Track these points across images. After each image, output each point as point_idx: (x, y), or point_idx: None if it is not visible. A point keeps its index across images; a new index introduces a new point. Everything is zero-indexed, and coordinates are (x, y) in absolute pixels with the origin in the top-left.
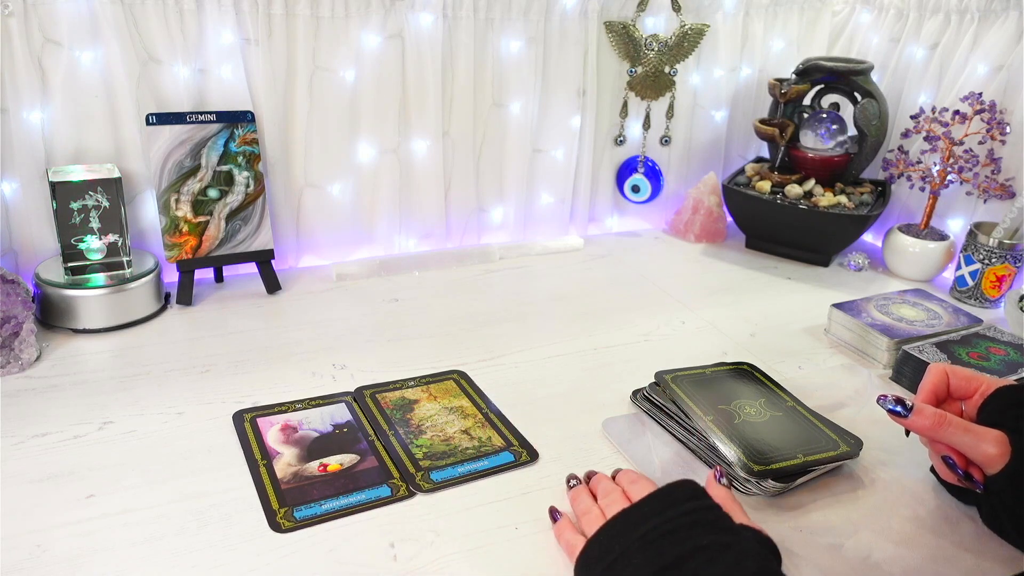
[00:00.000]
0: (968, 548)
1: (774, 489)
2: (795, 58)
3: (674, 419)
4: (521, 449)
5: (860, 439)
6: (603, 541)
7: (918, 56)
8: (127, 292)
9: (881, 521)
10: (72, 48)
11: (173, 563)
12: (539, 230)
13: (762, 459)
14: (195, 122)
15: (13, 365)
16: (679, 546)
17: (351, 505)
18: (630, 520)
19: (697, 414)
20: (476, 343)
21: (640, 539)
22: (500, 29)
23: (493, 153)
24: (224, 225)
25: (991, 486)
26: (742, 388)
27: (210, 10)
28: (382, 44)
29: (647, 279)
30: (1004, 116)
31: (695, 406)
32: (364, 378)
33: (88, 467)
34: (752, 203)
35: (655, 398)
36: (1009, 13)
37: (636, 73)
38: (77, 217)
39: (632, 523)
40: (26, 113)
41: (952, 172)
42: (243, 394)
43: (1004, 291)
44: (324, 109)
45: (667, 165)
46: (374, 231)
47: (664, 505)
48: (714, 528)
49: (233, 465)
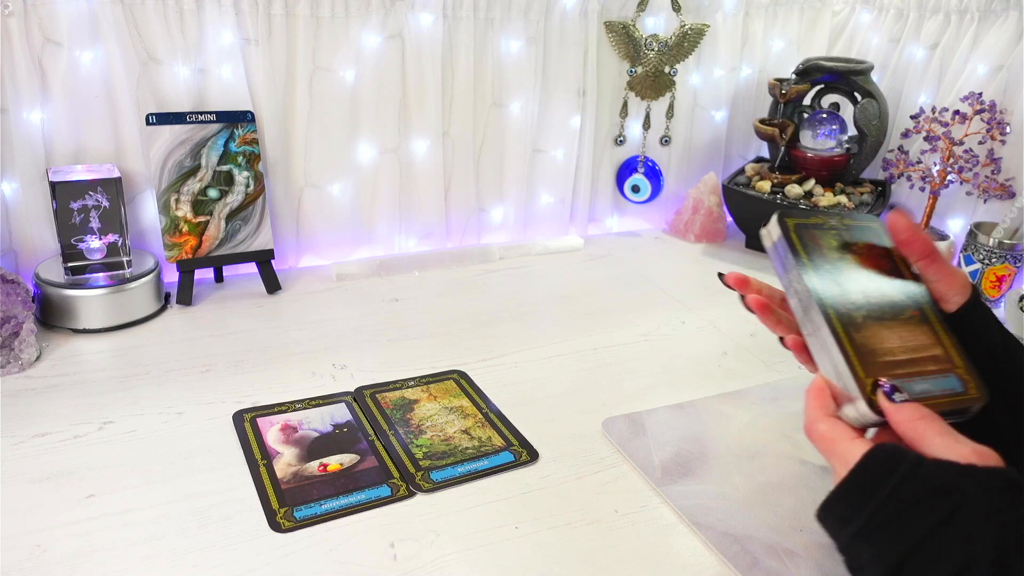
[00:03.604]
0: None
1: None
2: (795, 58)
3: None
4: (521, 449)
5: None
6: (831, 520)
7: (918, 56)
8: (127, 292)
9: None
10: (72, 48)
11: (173, 563)
12: (539, 230)
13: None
14: (195, 122)
15: (13, 365)
16: (899, 545)
17: (351, 505)
18: (836, 514)
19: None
20: (476, 343)
21: (854, 537)
22: (500, 29)
23: (493, 153)
24: (224, 225)
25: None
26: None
27: (210, 10)
28: (382, 44)
29: (647, 279)
30: (1004, 116)
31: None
32: (364, 378)
33: (88, 467)
34: (752, 203)
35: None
36: (1009, 13)
37: (636, 73)
38: (77, 217)
39: (843, 518)
40: (26, 113)
41: (952, 172)
42: (243, 394)
43: (1004, 291)
44: (324, 109)
45: (667, 165)
46: (374, 231)
47: (863, 495)
48: (928, 501)
49: (233, 465)
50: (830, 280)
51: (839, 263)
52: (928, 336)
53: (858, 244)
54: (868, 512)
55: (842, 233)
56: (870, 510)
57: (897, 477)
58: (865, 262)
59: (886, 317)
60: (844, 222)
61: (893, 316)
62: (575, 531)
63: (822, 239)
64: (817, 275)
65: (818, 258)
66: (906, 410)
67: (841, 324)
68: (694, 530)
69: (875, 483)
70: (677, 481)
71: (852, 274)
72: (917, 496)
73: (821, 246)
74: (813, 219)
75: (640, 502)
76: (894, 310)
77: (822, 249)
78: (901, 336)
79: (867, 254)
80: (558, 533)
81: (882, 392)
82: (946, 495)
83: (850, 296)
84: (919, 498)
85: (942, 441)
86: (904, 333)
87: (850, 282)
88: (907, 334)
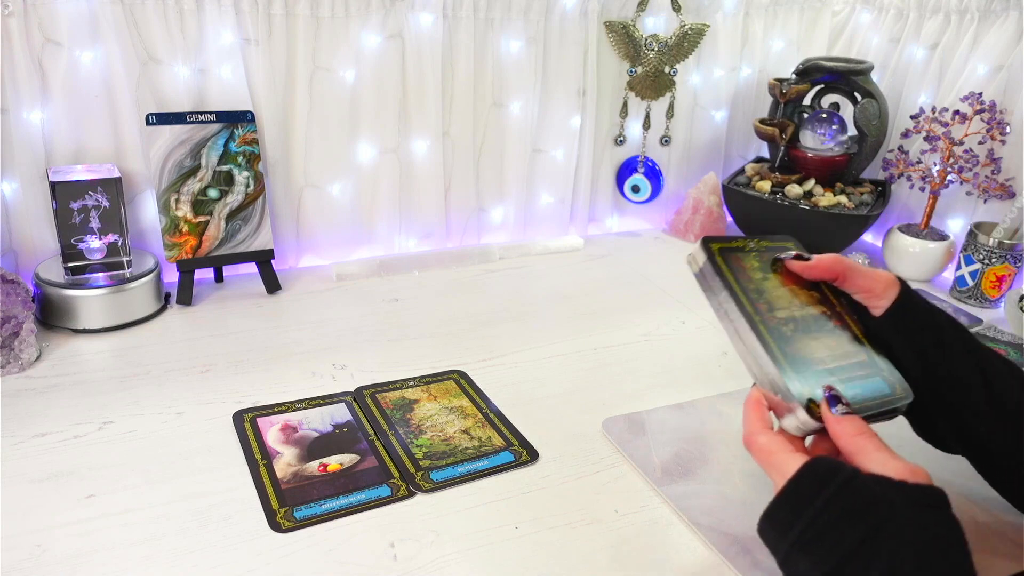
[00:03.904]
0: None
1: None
2: (795, 58)
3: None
4: (521, 449)
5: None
6: (770, 532)
7: (918, 56)
8: (127, 292)
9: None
10: (72, 48)
11: (173, 563)
12: (539, 230)
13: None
14: (195, 122)
15: (13, 365)
16: (834, 553)
17: (351, 505)
18: (776, 524)
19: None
20: (476, 343)
21: (793, 546)
22: (500, 29)
23: (493, 153)
24: (224, 225)
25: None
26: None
27: (210, 10)
28: (382, 44)
29: (647, 279)
30: (1004, 116)
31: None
32: (364, 378)
33: (88, 467)
34: (752, 203)
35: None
36: (1009, 13)
37: (636, 73)
38: (77, 217)
39: (781, 527)
40: (26, 113)
41: (952, 172)
42: (243, 394)
43: (1004, 291)
44: (324, 109)
45: (667, 165)
46: (374, 231)
47: (801, 503)
48: (860, 513)
49: (233, 465)
50: (757, 299)
51: (763, 283)
52: (852, 344)
53: (778, 263)
54: (806, 520)
55: (762, 254)
56: (807, 518)
57: (833, 488)
58: (787, 280)
59: (812, 329)
60: (762, 244)
61: (819, 328)
62: (575, 531)
63: (745, 261)
64: (744, 295)
65: (743, 279)
66: (847, 424)
67: (772, 339)
68: (694, 530)
69: (812, 493)
70: (677, 481)
71: (776, 292)
72: (851, 507)
73: (744, 267)
74: (735, 243)
75: (640, 502)
76: (818, 322)
77: (746, 270)
78: (828, 345)
79: (787, 272)
80: (558, 533)
81: (824, 400)
82: (877, 508)
83: (777, 312)
84: (853, 509)
85: (878, 456)
86: (830, 342)
87: (775, 299)
88: (833, 343)
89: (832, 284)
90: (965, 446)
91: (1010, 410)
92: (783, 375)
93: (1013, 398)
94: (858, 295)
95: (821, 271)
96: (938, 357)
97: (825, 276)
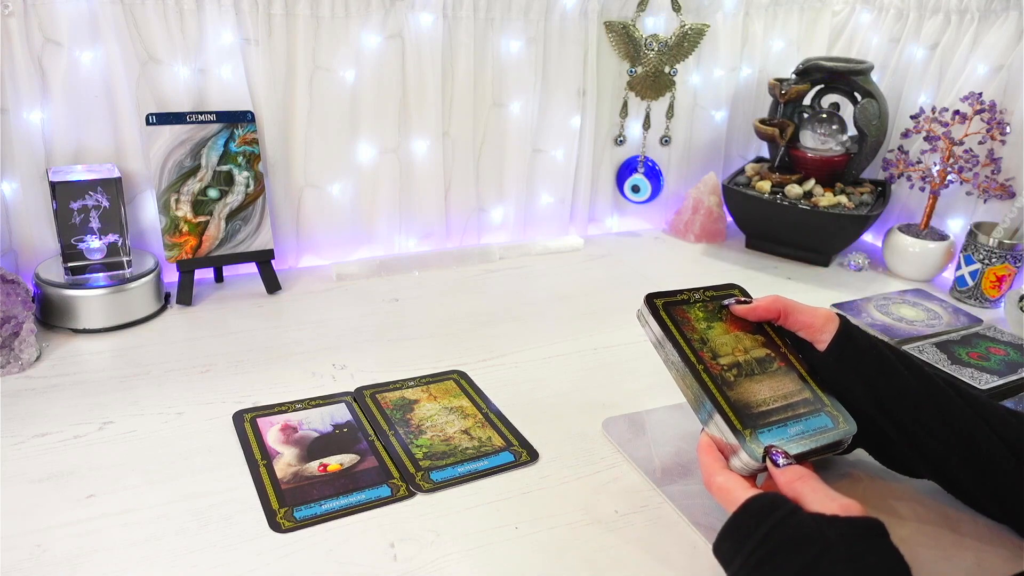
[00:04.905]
0: (968, 547)
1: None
2: (795, 58)
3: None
4: (521, 449)
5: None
6: (720, 560)
7: (918, 56)
8: (127, 292)
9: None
10: (72, 48)
11: (173, 563)
12: (539, 230)
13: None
14: (195, 122)
15: (13, 365)
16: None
17: (351, 505)
18: (722, 554)
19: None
20: (476, 343)
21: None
22: (500, 29)
23: (493, 153)
24: (224, 225)
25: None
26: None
27: (210, 10)
28: (382, 44)
29: (647, 279)
30: (1004, 116)
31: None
32: (364, 378)
33: (88, 467)
34: (752, 203)
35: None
36: (1009, 13)
37: (636, 73)
38: (77, 217)
39: (725, 559)
40: (26, 113)
41: (952, 172)
42: (243, 394)
43: (1004, 291)
44: (324, 109)
45: (667, 165)
46: (374, 231)
47: (741, 537)
48: (796, 546)
49: (233, 465)
50: (700, 347)
51: (707, 332)
52: (796, 382)
53: (724, 311)
54: (746, 551)
55: (707, 304)
56: (748, 549)
57: (772, 521)
58: (732, 326)
59: (756, 372)
60: (707, 293)
61: (762, 370)
62: (575, 531)
63: (689, 312)
64: (688, 345)
65: (687, 330)
66: (787, 472)
67: (715, 386)
68: (694, 530)
69: (753, 526)
70: (677, 481)
71: (720, 339)
72: (788, 540)
73: (689, 319)
74: (679, 296)
75: (640, 502)
76: (762, 365)
77: (690, 322)
78: (771, 387)
79: (732, 318)
80: (558, 533)
81: (770, 459)
82: (811, 542)
83: (720, 360)
84: (790, 542)
85: (815, 497)
86: (774, 383)
87: (719, 347)
88: (776, 384)
89: (776, 324)
90: (927, 467)
91: (958, 427)
92: (725, 420)
93: (959, 414)
94: (800, 331)
95: (762, 312)
96: (882, 382)
97: (766, 316)
